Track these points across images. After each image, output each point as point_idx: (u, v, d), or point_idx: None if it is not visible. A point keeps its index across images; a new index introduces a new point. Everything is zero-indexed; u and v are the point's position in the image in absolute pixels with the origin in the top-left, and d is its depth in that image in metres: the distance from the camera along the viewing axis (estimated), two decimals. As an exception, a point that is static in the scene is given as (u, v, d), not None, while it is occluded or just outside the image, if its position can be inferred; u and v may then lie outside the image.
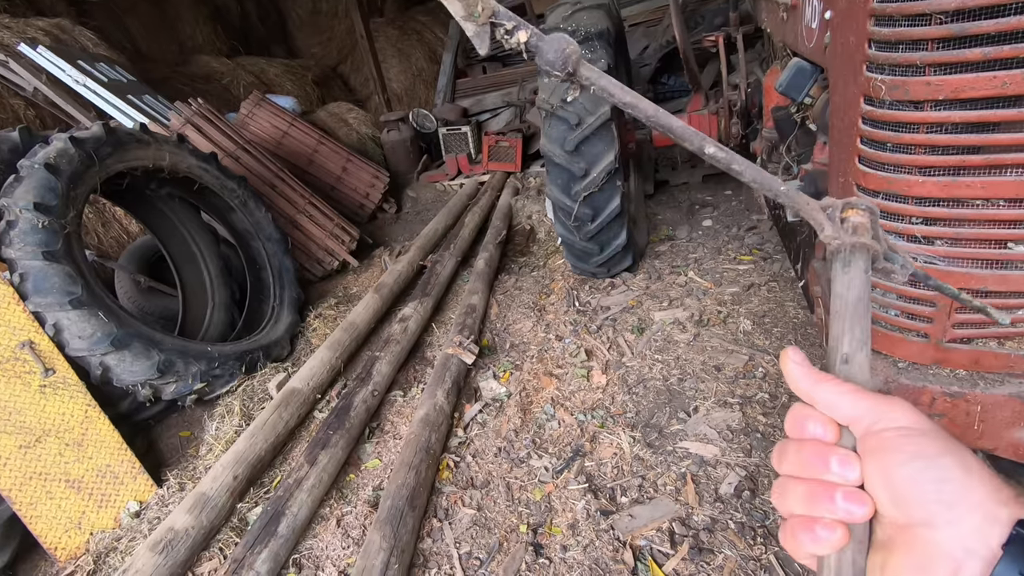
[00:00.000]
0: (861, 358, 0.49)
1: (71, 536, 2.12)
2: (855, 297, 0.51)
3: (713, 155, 0.49)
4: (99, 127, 2.67)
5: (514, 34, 0.47)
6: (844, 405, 0.44)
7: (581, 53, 0.47)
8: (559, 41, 0.46)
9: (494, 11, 0.47)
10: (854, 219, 0.53)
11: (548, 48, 0.47)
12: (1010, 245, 0.82)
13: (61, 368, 2.22)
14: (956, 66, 0.76)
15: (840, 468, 0.43)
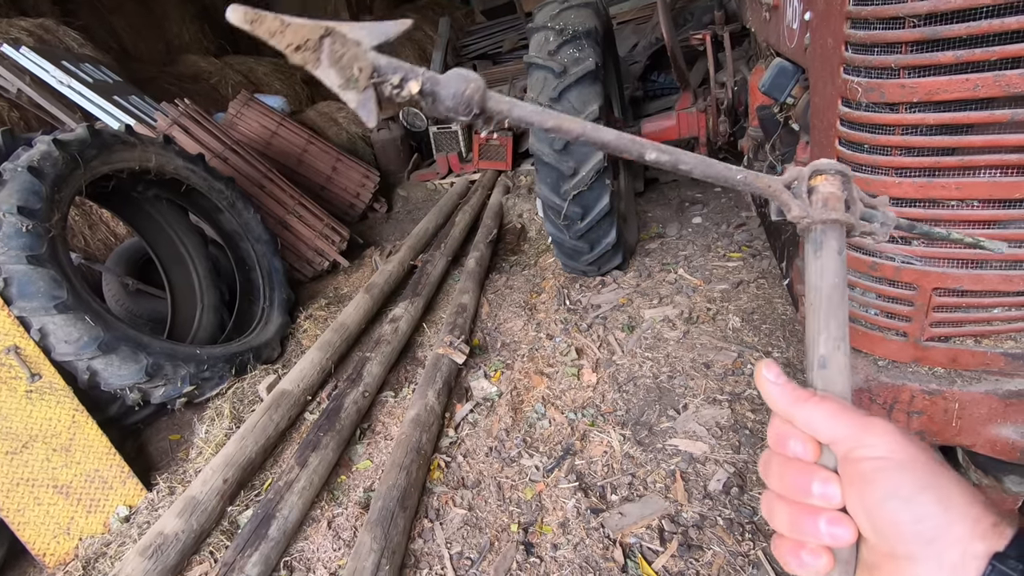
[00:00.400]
0: (838, 359, 0.48)
1: (60, 542, 2.11)
2: (829, 285, 0.49)
3: (656, 159, 0.48)
4: (84, 129, 2.65)
5: (404, 86, 0.41)
6: (822, 426, 0.44)
7: (483, 85, 0.41)
8: (457, 81, 0.41)
9: (374, 68, 0.41)
10: (823, 188, 0.50)
11: (446, 93, 0.41)
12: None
13: (47, 373, 2.21)
14: (929, 69, 0.77)
15: (821, 491, 0.43)
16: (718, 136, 3.12)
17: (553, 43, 2.80)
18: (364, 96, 0.42)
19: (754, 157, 2.07)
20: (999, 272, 0.83)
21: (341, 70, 0.41)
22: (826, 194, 0.50)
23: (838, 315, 0.49)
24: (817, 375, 0.49)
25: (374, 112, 0.42)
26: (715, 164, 0.50)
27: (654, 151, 0.48)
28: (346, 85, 0.42)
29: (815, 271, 0.50)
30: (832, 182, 0.50)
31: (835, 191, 0.50)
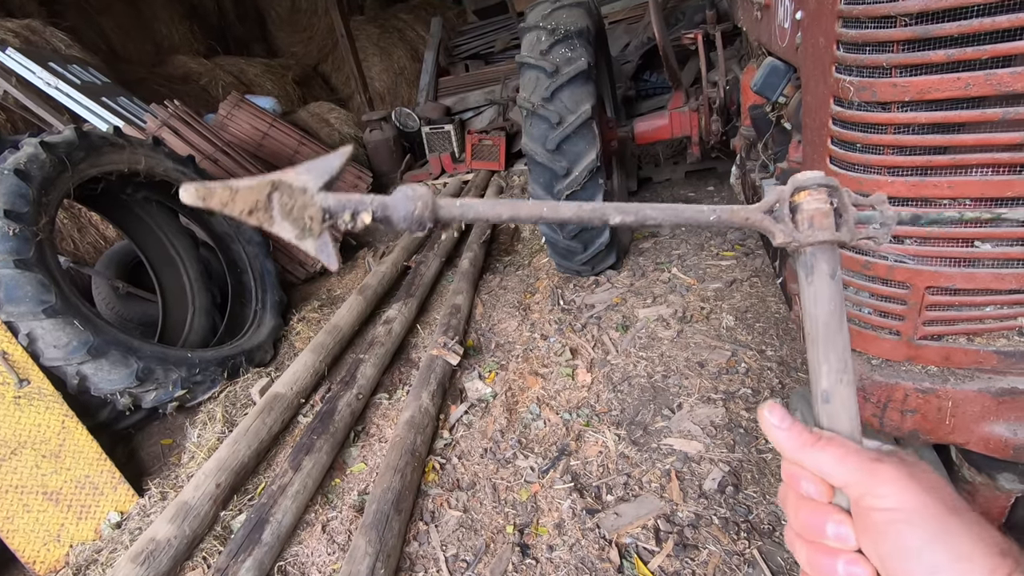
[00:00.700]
0: (842, 392, 0.47)
1: (50, 549, 2.08)
2: (825, 312, 0.47)
3: (621, 222, 0.47)
4: (71, 131, 2.62)
5: (357, 218, 0.42)
6: (831, 472, 0.44)
7: (431, 199, 0.42)
8: (405, 203, 0.41)
9: (324, 211, 0.41)
10: (807, 205, 0.47)
11: (397, 216, 0.42)
12: (976, 243, 0.83)
13: (36, 378, 2.18)
14: (921, 68, 0.77)
15: (835, 533, 0.43)
16: (710, 135, 3.13)
17: (545, 43, 2.79)
18: (320, 241, 0.42)
19: (747, 156, 2.08)
20: (991, 270, 0.83)
21: (294, 222, 0.41)
22: (811, 212, 0.47)
23: (837, 345, 0.47)
24: (821, 410, 0.48)
25: (334, 254, 0.42)
26: (684, 210, 0.48)
27: (618, 215, 0.46)
28: (302, 235, 0.42)
29: (809, 298, 0.48)
30: (817, 196, 0.47)
31: (821, 206, 0.47)
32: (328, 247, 0.42)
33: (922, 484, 0.41)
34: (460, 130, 5.89)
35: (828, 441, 0.45)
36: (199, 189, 0.41)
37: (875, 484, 0.41)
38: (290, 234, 0.42)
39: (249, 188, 0.41)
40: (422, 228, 0.43)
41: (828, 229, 0.47)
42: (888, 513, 0.40)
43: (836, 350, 0.47)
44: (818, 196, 0.47)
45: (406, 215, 0.42)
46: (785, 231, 0.48)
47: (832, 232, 0.47)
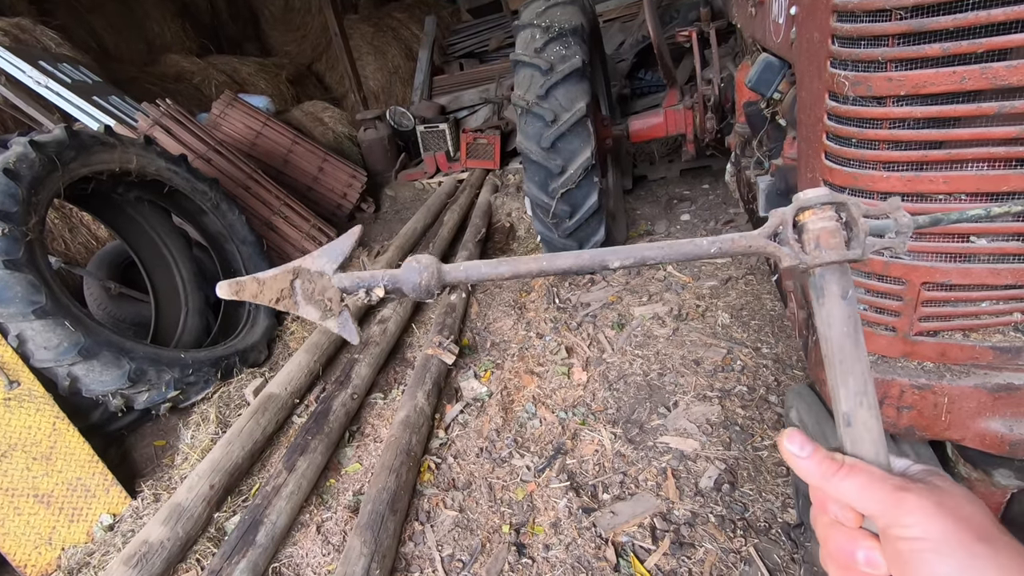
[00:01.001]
0: (863, 415, 0.46)
1: (41, 552, 2.06)
2: (839, 334, 0.46)
3: (620, 265, 0.47)
4: (61, 130, 2.59)
5: (371, 293, 0.47)
6: (856, 501, 0.44)
7: (436, 267, 0.46)
8: (411, 274, 0.46)
9: (342, 291, 0.46)
10: (813, 225, 0.45)
11: (407, 287, 0.46)
12: (972, 239, 0.83)
13: (26, 380, 2.16)
14: (916, 62, 0.76)
15: (866, 559, 0.43)
16: (705, 133, 3.13)
17: (540, 40, 2.78)
18: (341, 319, 0.47)
19: (741, 153, 2.07)
20: (987, 266, 0.83)
21: (316, 304, 0.47)
22: (818, 231, 0.45)
23: (855, 367, 0.46)
24: (844, 434, 0.47)
25: (354, 329, 0.48)
26: (683, 245, 0.48)
27: (616, 260, 0.47)
28: (324, 316, 0.47)
29: (822, 320, 0.47)
30: (822, 215, 0.46)
31: (827, 225, 0.45)
32: (348, 323, 0.48)
33: (950, 513, 0.40)
34: (455, 129, 5.87)
35: (851, 469, 0.44)
36: (232, 285, 0.47)
37: (901, 514, 0.41)
38: (314, 316, 0.47)
39: (274, 278, 0.47)
40: (431, 295, 0.47)
41: (837, 248, 0.45)
42: (915, 543, 0.40)
43: (854, 372, 0.46)
44: (824, 214, 0.46)
45: (415, 285, 0.47)
46: (791, 254, 0.46)
47: (841, 251, 0.45)
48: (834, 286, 0.46)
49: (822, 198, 0.46)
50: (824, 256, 0.45)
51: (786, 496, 1.76)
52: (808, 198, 0.46)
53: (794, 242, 0.46)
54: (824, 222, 0.46)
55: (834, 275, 0.46)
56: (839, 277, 0.46)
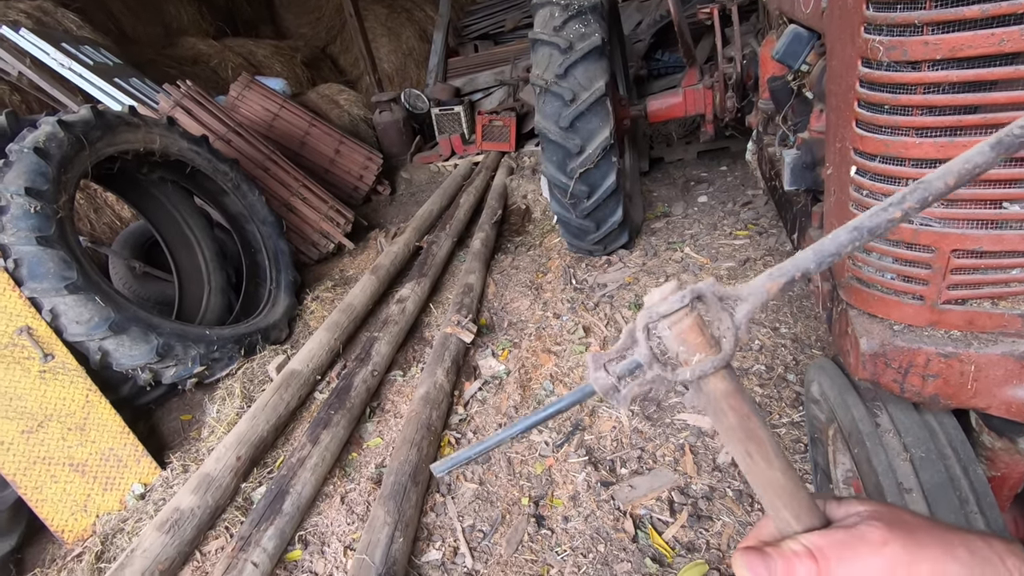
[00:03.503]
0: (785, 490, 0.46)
1: (77, 519, 2.14)
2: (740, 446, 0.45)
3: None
4: (88, 110, 2.63)
5: None
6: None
7: None
8: None
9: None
10: (670, 332, 0.42)
11: None
12: (1005, 205, 0.82)
13: (60, 353, 2.22)
14: (954, 24, 0.75)
15: None
16: (725, 112, 3.09)
17: (559, 18, 2.76)
18: None
19: (764, 130, 2.06)
20: (1020, 232, 0.83)
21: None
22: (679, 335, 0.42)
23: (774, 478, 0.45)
24: (779, 519, 0.48)
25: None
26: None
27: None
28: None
29: (722, 432, 0.46)
30: (677, 318, 0.42)
31: (684, 324, 0.42)
32: None
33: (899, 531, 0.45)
34: (470, 111, 5.85)
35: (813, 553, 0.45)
36: None
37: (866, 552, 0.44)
38: None
39: None
40: None
41: (705, 349, 0.42)
42: None
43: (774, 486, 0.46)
44: (678, 316, 0.42)
45: None
46: (658, 377, 0.43)
47: (711, 353, 0.42)
48: (719, 394, 0.44)
49: (671, 301, 0.42)
50: (698, 369, 0.42)
51: (803, 471, 1.77)
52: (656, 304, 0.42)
53: (655, 361, 0.43)
54: (681, 325, 0.42)
55: (714, 382, 0.43)
56: (721, 379, 0.43)
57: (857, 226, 0.41)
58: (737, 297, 0.43)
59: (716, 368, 0.42)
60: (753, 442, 0.45)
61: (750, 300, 0.43)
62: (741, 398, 0.44)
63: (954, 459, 1.01)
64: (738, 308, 0.43)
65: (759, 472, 0.46)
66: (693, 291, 0.42)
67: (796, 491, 0.47)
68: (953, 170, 0.40)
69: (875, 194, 0.94)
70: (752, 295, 0.43)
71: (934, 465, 1.01)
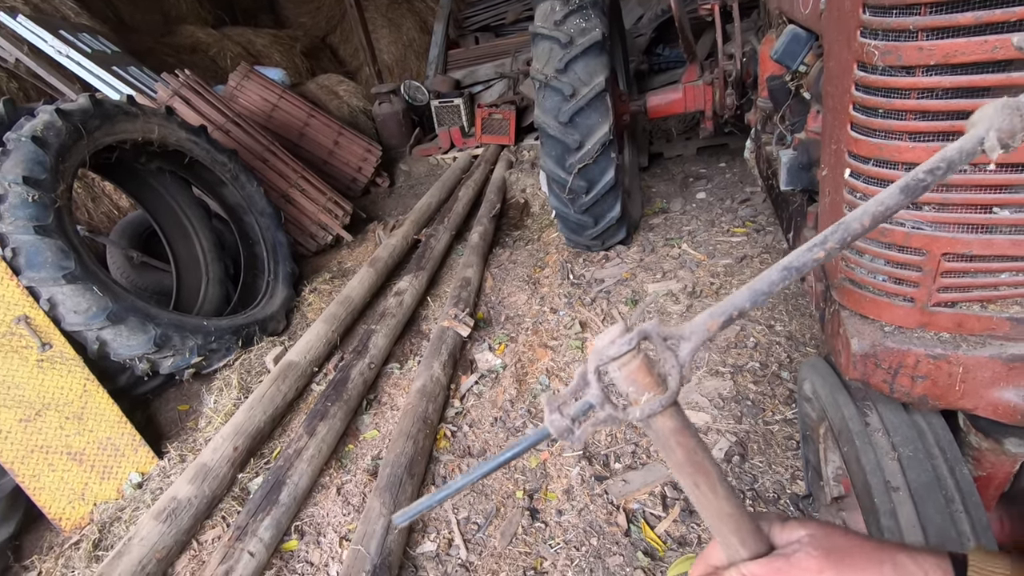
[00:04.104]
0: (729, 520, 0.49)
1: (75, 507, 2.16)
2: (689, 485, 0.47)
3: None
4: (86, 99, 2.63)
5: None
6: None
7: None
8: None
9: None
10: (621, 373, 0.43)
11: None
12: (995, 210, 0.83)
13: (58, 343, 2.23)
14: (948, 30, 0.76)
15: None
16: (724, 109, 3.09)
17: (559, 13, 2.75)
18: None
19: (762, 129, 2.06)
20: (1009, 237, 0.84)
21: None
22: (628, 376, 0.43)
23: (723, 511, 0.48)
24: (724, 545, 0.51)
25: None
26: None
27: None
28: None
29: (673, 467, 0.47)
30: (625, 360, 0.43)
31: (631, 365, 0.43)
32: None
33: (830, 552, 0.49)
34: (470, 104, 5.83)
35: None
36: None
37: None
38: None
39: None
40: None
41: (654, 388, 0.44)
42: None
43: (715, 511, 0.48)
44: (627, 359, 0.43)
45: None
46: (610, 416, 0.44)
47: (658, 392, 0.44)
48: (668, 433, 0.45)
49: (619, 345, 0.43)
50: (647, 407, 0.43)
51: (795, 468, 1.79)
52: (605, 348, 0.43)
53: (606, 403, 0.44)
54: (630, 366, 0.43)
55: (663, 420, 0.45)
56: (669, 418, 0.45)
57: (787, 266, 0.45)
58: (680, 336, 0.45)
59: (664, 407, 0.44)
60: (700, 474, 0.47)
61: (692, 339, 0.45)
62: (688, 433, 0.46)
63: (941, 459, 1.02)
64: (681, 347, 0.45)
65: (707, 502, 0.49)
66: (640, 333, 0.44)
67: (741, 518, 0.49)
68: (869, 211, 0.44)
69: (868, 197, 0.95)
70: (694, 334, 0.45)
71: (921, 464, 1.02)
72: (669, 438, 0.46)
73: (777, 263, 0.45)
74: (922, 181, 0.44)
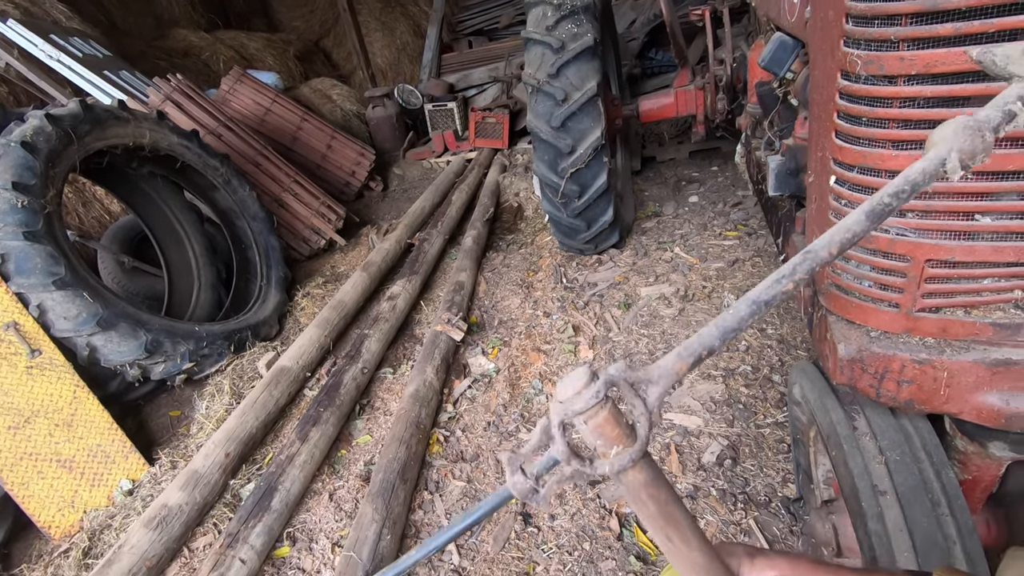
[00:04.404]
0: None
1: (64, 515, 2.14)
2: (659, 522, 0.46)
3: None
4: (76, 104, 2.61)
5: None
6: None
7: None
8: None
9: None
10: (588, 425, 0.41)
11: None
12: (976, 217, 0.85)
13: (47, 349, 2.21)
14: (928, 41, 0.77)
15: None
16: (716, 113, 3.11)
17: (551, 18, 2.77)
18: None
19: (752, 134, 2.08)
20: (990, 243, 0.85)
21: None
22: (595, 429, 0.41)
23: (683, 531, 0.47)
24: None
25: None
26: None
27: None
28: None
29: (644, 521, 0.47)
30: (594, 414, 0.41)
31: (599, 416, 0.41)
32: None
33: None
34: (463, 108, 5.84)
35: None
36: None
37: None
38: None
39: None
40: None
41: (622, 440, 0.42)
42: None
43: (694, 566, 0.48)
44: (593, 411, 0.41)
45: None
46: (577, 471, 0.42)
47: (627, 444, 0.42)
48: (639, 486, 0.44)
49: (584, 396, 0.41)
50: (616, 462, 0.41)
51: (787, 471, 1.80)
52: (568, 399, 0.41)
53: (572, 458, 0.42)
54: (596, 416, 0.41)
55: (634, 473, 0.43)
56: (642, 470, 0.43)
57: (755, 299, 0.45)
58: (648, 380, 0.43)
59: (634, 462, 0.42)
60: (672, 527, 0.47)
61: (661, 383, 0.43)
62: (659, 485, 0.45)
63: (928, 463, 1.03)
64: (650, 391, 0.43)
65: (679, 554, 0.48)
66: (606, 382, 0.42)
67: (712, 567, 0.50)
68: (836, 240, 0.44)
69: (853, 204, 0.96)
70: (663, 377, 0.43)
71: (908, 468, 1.03)
72: (640, 491, 0.45)
73: (745, 296, 0.44)
74: (888, 205, 0.43)
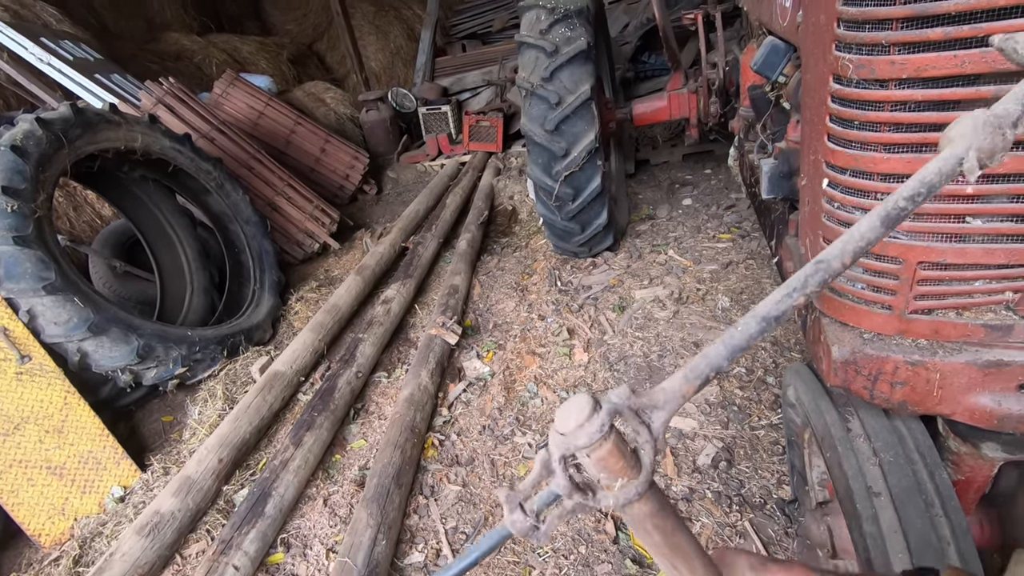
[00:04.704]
0: None
1: (55, 522, 2.12)
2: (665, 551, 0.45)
3: None
4: (67, 107, 2.60)
5: None
6: None
7: None
8: None
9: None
10: (586, 459, 0.39)
11: None
12: (967, 219, 0.85)
13: (37, 355, 2.19)
14: (919, 45, 0.78)
15: None
16: (709, 117, 3.13)
17: (545, 22, 2.78)
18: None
19: (745, 137, 2.09)
20: (981, 246, 0.86)
21: None
22: (599, 462, 0.39)
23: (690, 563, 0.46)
24: None
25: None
26: None
27: None
28: None
29: (649, 550, 0.46)
30: (597, 447, 0.39)
31: (603, 454, 0.39)
32: None
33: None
34: (457, 111, 5.84)
35: None
36: None
37: None
38: None
39: None
40: None
41: (627, 473, 0.40)
42: None
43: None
44: (597, 444, 0.39)
45: None
46: (579, 504, 0.40)
47: (632, 476, 0.40)
48: (645, 517, 0.43)
49: (588, 430, 0.38)
50: (622, 495, 0.39)
51: (781, 473, 1.81)
52: (571, 432, 0.39)
53: (575, 492, 0.40)
54: (600, 450, 0.39)
55: (640, 505, 0.42)
56: (648, 501, 0.42)
57: (764, 315, 0.42)
58: (653, 406, 0.41)
59: (640, 494, 0.41)
60: (678, 556, 0.46)
61: (666, 408, 0.42)
62: (664, 515, 0.43)
63: (921, 464, 1.04)
64: (655, 417, 0.41)
65: None
66: (610, 411, 0.39)
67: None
68: (849, 249, 0.42)
69: (846, 207, 0.97)
70: (668, 401, 0.42)
71: (902, 469, 1.04)
72: (646, 522, 0.43)
73: (754, 311, 0.42)
74: (903, 209, 0.41)
